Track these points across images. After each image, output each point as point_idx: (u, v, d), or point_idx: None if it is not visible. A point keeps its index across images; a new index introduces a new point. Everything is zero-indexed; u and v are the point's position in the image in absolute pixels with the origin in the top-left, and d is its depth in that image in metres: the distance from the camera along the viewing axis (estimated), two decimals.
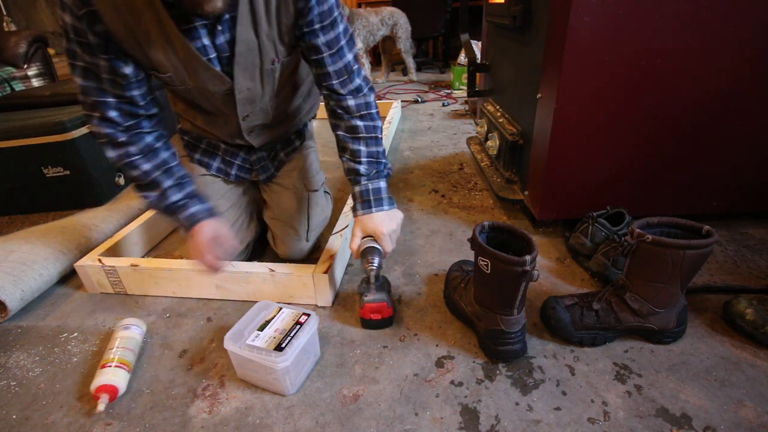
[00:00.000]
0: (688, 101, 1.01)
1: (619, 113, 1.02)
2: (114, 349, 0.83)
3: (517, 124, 1.32)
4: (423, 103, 2.87)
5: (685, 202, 1.14)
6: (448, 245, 1.22)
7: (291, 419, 0.73)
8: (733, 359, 0.79)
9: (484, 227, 0.81)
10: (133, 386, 0.82)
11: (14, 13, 4.24)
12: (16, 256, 1.07)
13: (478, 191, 1.55)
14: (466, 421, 0.71)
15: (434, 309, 0.97)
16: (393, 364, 0.83)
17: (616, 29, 0.92)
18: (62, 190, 1.56)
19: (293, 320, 0.81)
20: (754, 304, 0.84)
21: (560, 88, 0.98)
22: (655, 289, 0.79)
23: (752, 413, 0.69)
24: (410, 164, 1.84)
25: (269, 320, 0.81)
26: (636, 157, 1.08)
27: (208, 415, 0.75)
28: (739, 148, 1.06)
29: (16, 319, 1.03)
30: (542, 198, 1.14)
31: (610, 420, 0.70)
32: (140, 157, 0.85)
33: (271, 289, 1.00)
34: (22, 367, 0.88)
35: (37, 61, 2.99)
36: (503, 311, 0.78)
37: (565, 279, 1.05)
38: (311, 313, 0.82)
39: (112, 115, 0.81)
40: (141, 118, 0.86)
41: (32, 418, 0.77)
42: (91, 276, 1.07)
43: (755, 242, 1.13)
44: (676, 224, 0.79)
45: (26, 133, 1.46)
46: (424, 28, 3.75)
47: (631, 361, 0.81)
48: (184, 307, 1.03)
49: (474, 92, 1.76)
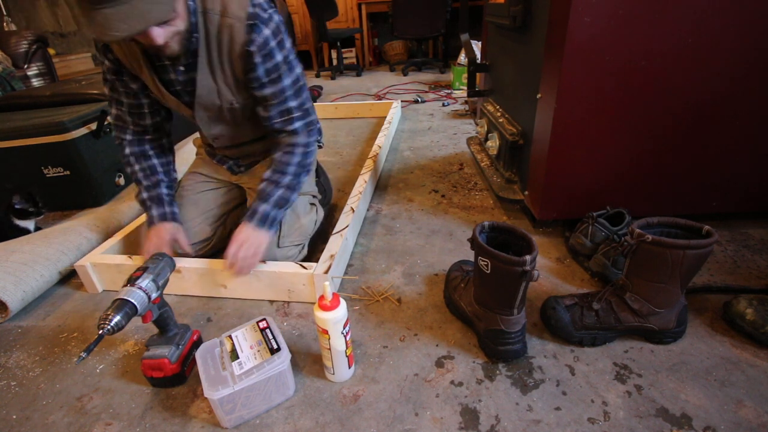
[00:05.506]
0: (688, 101, 1.01)
1: (619, 113, 1.02)
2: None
3: (517, 124, 1.32)
4: (423, 103, 2.87)
5: (685, 202, 1.14)
6: (448, 245, 1.22)
7: (291, 419, 0.73)
8: (733, 359, 0.79)
9: (484, 227, 0.81)
10: (133, 386, 0.82)
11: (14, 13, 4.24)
12: (17, 256, 1.07)
13: (478, 191, 1.55)
14: (466, 421, 0.71)
15: (434, 309, 0.97)
16: (393, 364, 0.83)
17: (616, 29, 0.92)
18: (62, 190, 1.56)
19: (255, 330, 0.79)
20: (754, 304, 0.84)
21: (560, 88, 0.98)
22: (655, 289, 0.79)
23: (752, 413, 0.69)
24: (410, 164, 1.84)
25: (231, 350, 0.75)
26: (636, 157, 1.08)
27: (208, 415, 0.75)
28: (739, 148, 1.06)
29: (16, 319, 1.03)
30: (542, 198, 1.14)
31: (610, 420, 0.70)
32: (134, 159, 1.05)
33: (271, 288, 1.00)
34: (22, 367, 0.88)
35: (37, 61, 2.99)
36: (503, 311, 0.78)
37: (565, 279, 1.05)
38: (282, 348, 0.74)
39: (128, 119, 1.03)
40: (147, 125, 1.05)
41: (32, 418, 0.77)
42: (91, 276, 1.07)
43: (755, 242, 1.13)
44: (676, 224, 0.79)
45: (26, 133, 1.46)
46: (424, 28, 3.75)
47: (631, 361, 0.81)
48: (185, 306, 1.03)
49: (474, 92, 1.76)
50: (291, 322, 0.96)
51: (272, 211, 0.98)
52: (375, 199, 1.54)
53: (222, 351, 0.75)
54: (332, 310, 0.72)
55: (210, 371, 0.71)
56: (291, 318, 0.98)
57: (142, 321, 0.75)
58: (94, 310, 1.04)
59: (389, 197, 1.54)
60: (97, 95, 1.79)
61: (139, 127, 1.05)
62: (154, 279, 0.77)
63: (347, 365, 0.79)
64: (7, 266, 1.04)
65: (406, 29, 3.79)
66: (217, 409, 0.70)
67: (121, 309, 0.70)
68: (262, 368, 0.71)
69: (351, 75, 4.17)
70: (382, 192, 1.59)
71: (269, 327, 0.79)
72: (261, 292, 1.02)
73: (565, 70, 0.96)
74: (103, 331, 0.67)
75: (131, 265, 1.05)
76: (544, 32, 1.03)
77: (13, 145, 1.47)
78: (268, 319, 0.81)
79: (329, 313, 0.71)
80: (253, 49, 0.89)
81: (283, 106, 0.99)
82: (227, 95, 0.98)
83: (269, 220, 0.97)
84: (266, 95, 0.96)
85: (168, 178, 1.08)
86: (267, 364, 0.71)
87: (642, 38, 0.93)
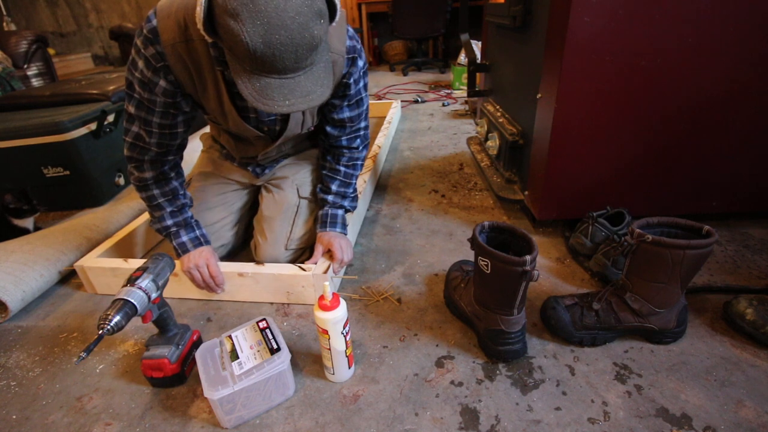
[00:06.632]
0: (688, 101, 1.00)
1: (619, 113, 1.02)
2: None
3: (517, 124, 1.32)
4: (423, 103, 2.87)
5: (685, 202, 1.14)
6: (448, 245, 1.22)
7: (291, 419, 0.73)
8: (733, 359, 0.79)
9: (484, 227, 0.81)
10: (133, 386, 0.82)
11: (14, 13, 4.24)
12: (17, 256, 1.07)
13: (478, 191, 1.55)
14: (466, 421, 0.71)
15: (434, 309, 0.97)
16: (393, 364, 0.83)
17: (616, 29, 0.92)
18: (62, 190, 1.56)
19: (255, 330, 0.79)
20: (754, 304, 0.84)
21: (560, 88, 0.98)
22: (655, 289, 0.79)
23: (752, 413, 0.69)
24: (410, 164, 1.84)
25: (231, 350, 0.75)
26: (636, 157, 1.08)
27: (208, 415, 0.75)
28: (739, 148, 1.06)
29: (16, 319, 1.03)
30: (542, 198, 1.14)
31: (610, 420, 0.70)
32: (153, 183, 0.97)
33: (271, 289, 1.00)
34: (22, 367, 0.88)
35: (36, 61, 2.99)
36: (503, 311, 0.78)
37: (565, 279, 1.05)
38: (282, 348, 0.75)
39: (152, 141, 0.91)
40: (173, 145, 0.96)
41: (32, 418, 0.77)
42: (91, 276, 1.07)
43: (755, 242, 1.13)
44: (676, 224, 0.79)
45: (26, 133, 1.46)
46: (424, 28, 3.75)
47: (631, 361, 0.81)
48: (185, 307, 1.03)
49: (474, 92, 1.76)
50: (291, 322, 0.96)
51: (345, 216, 1.10)
52: (375, 199, 1.54)
53: (222, 351, 0.75)
54: (332, 310, 0.72)
55: (210, 371, 0.71)
56: (291, 318, 0.98)
57: (141, 321, 0.75)
58: (94, 310, 1.04)
59: (389, 197, 1.54)
60: (97, 95, 1.79)
61: (164, 148, 0.94)
62: (153, 279, 0.77)
63: (347, 365, 0.79)
64: (6, 266, 1.04)
65: (406, 29, 3.79)
66: (217, 409, 0.70)
67: (120, 309, 0.70)
68: (262, 368, 0.71)
69: None
70: (381, 192, 1.59)
71: (269, 327, 0.79)
72: (261, 293, 1.02)
73: (565, 70, 0.96)
74: (103, 331, 0.67)
75: (128, 268, 1.05)
76: (544, 32, 1.03)
77: (12, 145, 1.47)
78: (268, 319, 0.81)
79: (329, 313, 0.71)
80: (351, 81, 0.94)
81: (355, 126, 1.05)
82: (309, 122, 1.01)
83: (346, 225, 1.09)
84: (344, 118, 1.01)
85: (188, 198, 1.03)
86: (267, 364, 0.71)
87: (642, 38, 0.93)
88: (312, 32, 0.63)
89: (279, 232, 1.08)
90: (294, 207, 1.11)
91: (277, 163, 1.17)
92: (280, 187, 1.13)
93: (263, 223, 1.10)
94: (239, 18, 0.59)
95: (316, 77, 0.69)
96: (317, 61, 0.69)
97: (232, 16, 0.60)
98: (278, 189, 1.13)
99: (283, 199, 1.11)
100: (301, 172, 1.16)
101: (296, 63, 0.65)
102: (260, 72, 0.65)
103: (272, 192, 1.14)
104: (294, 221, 1.10)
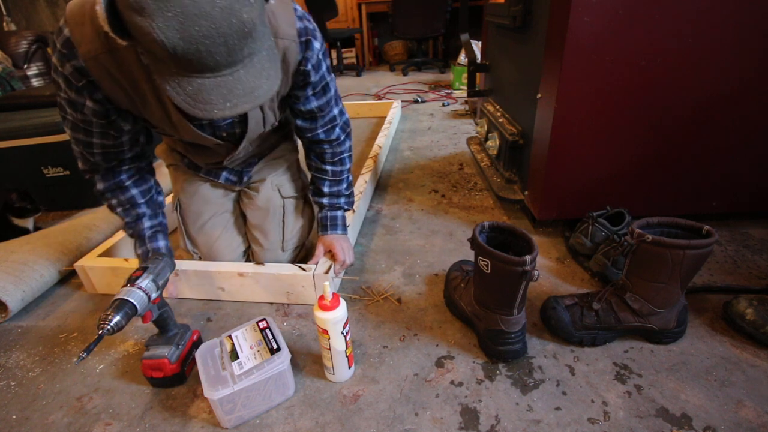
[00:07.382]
0: (688, 101, 1.00)
1: (619, 113, 1.02)
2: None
3: (517, 124, 1.32)
4: (423, 103, 2.87)
5: (685, 202, 1.14)
6: (448, 245, 1.22)
7: (291, 419, 0.73)
8: (733, 359, 0.79)
9: (484, 227, 0.81)
10: (133, 386, 0.82)
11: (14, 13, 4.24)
12: (17, 256, 1.07)
13: (478, 191, 1.55)
14: (466, 421, 0.71)
15: (434, 309, 0.97)
16: (393, 364, 0.83)
17: (616, 29, 0.92)
18: (62, 190, 1.56)
19: (255, 330, 0.79)
20: (754, 304, 0.84)
21: (560, 88, 0.98)
22: (655, 289, 0.79)
23: (752, 413, 0.69)
24: (410, 164, 1.84)
25: (231, 350, 0.75)
26: (636, 157, 1.08)
27: (208, 415, 0.75)
28: (740, 148, 1.06)
29: (16, 319, 1.03)
30: (542, 198, 1.14)
31: (610, 420, 0.70)
32: (111, 194, 0.89)
33: (271, 289, 1.00)
34: (22, 367, 0.88)
35: (37, 61, 2.98)
36: (503, 311, 0.78)
37: (565, 279, 1.05)
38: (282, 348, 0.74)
39: (97, 160, 0.84)
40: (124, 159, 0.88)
41: (32, 418, 0.77)
42: (91, 276, 1.07)
43: (755, 242, 1.13)
44: (676, 224, 0.79)
45: (26, 133, 1.46)
46: (424, 28, 3.75)
47: (631, 361, 0.81)
48: (184, 307, 1.03)
49: (474, 92, 1.76)
50: (291, 322, 0.96)
51: (344, 216, 1.08)
52: (375, 199, 1.54)
53: (222, 351, 0.75)
54: (332, 310, 0.72)
55: (210, 371, 0.71)
56: (291, 318, 0.98)
57: (141, 321, 0.75)
58: (94, 310, 1.04)
59: (389, 197, 1.54)
60: None
61: (113, 162, 0.87)
62: (153, 279, 0.77)
63: (347, 365, 0.79)
64: (7, 266, 1.04)
65: (406, 29, 3.79)
66: (217, 409, 0.70)
67: (120, 309, 0.70)
68: (262, 368, 0.71)
69: (351, 75, 4.16)
70: (382, 192, 1.59)
71: (269, 327, 0.79)
72: (261, 293, 1.02)
73: (565, 70, 0.96)
74: (103, 331, 0.67)
75: (128, 268, 1.05)
76: (544, 32, 1.03)
77: (13, 145, 1.47)
78: (268, 319, 0.81)
79: (329, 313, 0.71)
80: (309, 67, 0.83)
81: (328, 116, 0.95)
82: (271, 119, 0.91)
83: (347, 225, 1.07)
84: (312, 109, 0.92)
85: (151, 208, 0.93)
86: (267, 364, 0.71)
87: (642, 38, 0.93)
88: (240, 16, 0.51)
89: (273, 239, 1.07)
90: (280, 209, 1.08)
91: (251, 167, 1.09)
92: (260, 191, 1.08)
93: (255, 232, 1.08)
94: (145, 12, 0.48)
95: (259, 69, 0.58)
96: (256, 50, 0.57)
97: (137, 12, 0.49)
98: (257, 193, 1.08)
99: (267, 204, 1.07)
100: (278, 172, 1.10)
101: (229, 56, 0.54)
102: (189, 73, 0.54)
103: (253, 198, 1.08)
104: (284, 223, 1.08)
